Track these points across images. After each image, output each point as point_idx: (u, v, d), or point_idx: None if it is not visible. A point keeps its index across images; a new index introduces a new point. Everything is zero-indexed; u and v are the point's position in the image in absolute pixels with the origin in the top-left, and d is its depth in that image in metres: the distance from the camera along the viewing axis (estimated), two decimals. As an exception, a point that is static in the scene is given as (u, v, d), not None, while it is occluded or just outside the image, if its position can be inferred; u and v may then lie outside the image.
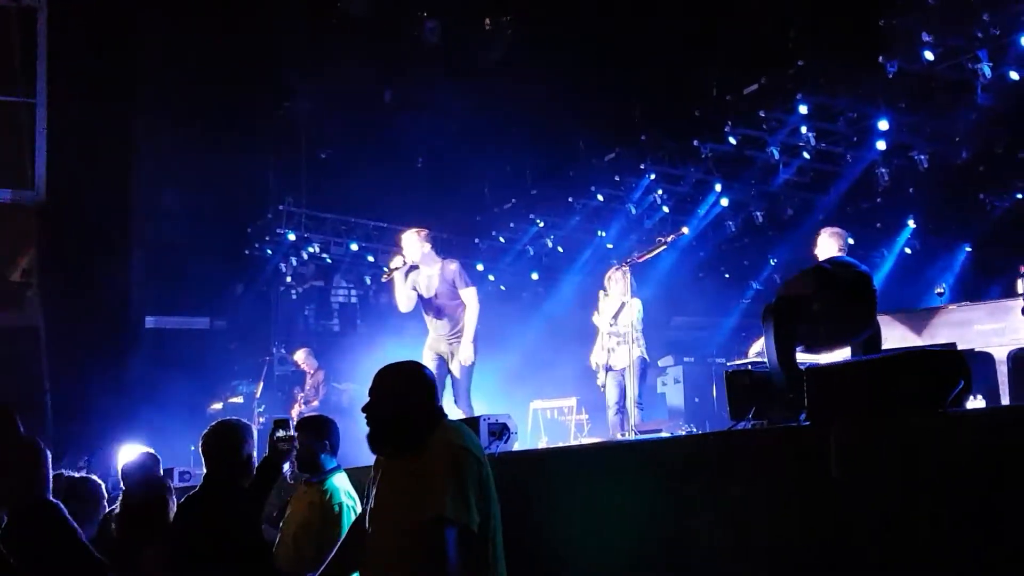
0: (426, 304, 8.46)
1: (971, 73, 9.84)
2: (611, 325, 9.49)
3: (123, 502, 5.75)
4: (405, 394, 3.93)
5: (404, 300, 8.44)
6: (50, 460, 3.88)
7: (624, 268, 9.78)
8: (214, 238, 15.30)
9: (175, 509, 5.53)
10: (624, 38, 11.82)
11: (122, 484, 6.09)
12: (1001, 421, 3.56)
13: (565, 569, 4.92)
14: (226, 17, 13.41)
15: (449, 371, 8.24)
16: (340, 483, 5.38)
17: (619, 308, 9.57)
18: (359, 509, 5.18)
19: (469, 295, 8.31)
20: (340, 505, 5.21)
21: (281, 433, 4.67)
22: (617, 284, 9.71)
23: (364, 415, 3.95)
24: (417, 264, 8.47)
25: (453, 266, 8.45)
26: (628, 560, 4.63)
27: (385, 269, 8.71)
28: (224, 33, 13.73)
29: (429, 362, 8.22)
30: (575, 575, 4.88)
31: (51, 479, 4.02)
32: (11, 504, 3.81)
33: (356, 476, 5.59)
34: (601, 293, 9.82)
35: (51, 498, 4.11)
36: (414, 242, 8.51)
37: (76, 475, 5.48)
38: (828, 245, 7.53)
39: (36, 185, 13.37)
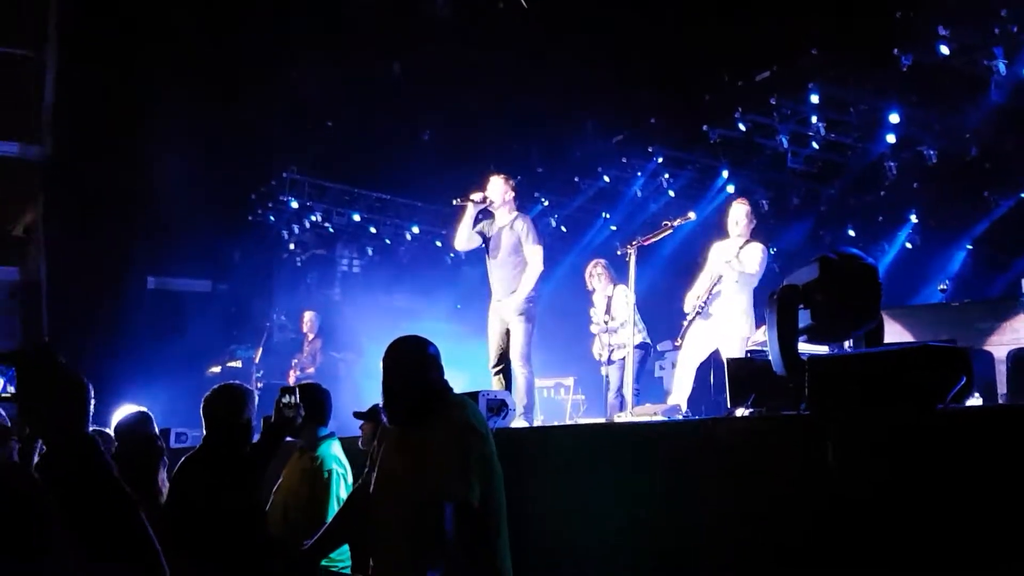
0: (491, 261, 8.14)
1: (985, 69, 9.79)
2: (608, 322, 9.54)
3: (113, 458, 5.78)
4: (408, 368, 3.97)
5: (463, 237, 8.15)
6: (92, 396, 3.87)
7: (598, 263, 9.86)
8: (218, 202, 15.25)
9: (167, 469, 5.56)
10: (636, 20, 11.74)
11: (114, 441, 6.11)
12: (999, 420, 3.57)
13: (558, 545, 4.94)
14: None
15: (508, 334, 7.94)
16: (332, 451, 5.43)
17: (607, 303, 9.64)
18: (350, 477, 5.23)
19: (532, 253, 7.91)
20: (330, 472, 5.27)
21: (287, 399, 4.68)
22: (599, 280, 9.78)
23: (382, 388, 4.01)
24: (492, 212, 8.11)
25: (522, 222, 8.03)
26: (619, 540, 4.66)
27: (458, 199, 8.12)
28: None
29: (493, 327, 8.00)
30: (567, 552, 4.91)
31: (90, 414, 4.01)
32: (51, 436, 3.80)
33: (347, 445, 5.64)
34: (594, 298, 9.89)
35: (89, 432, 4.10)
36: (498, 185, 8.13)
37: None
38: (738, 213, 8.22)
39: (43, 140, 13.34)
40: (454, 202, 8.19)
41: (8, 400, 2.20)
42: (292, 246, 16.78)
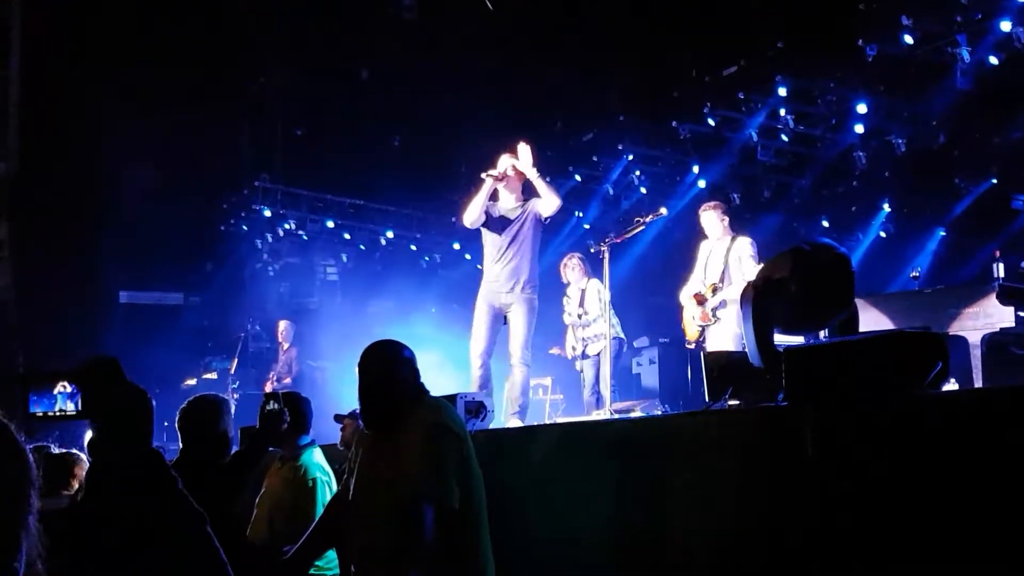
0: (494, 244, 7.38)
1: (950, 57, 9.88)
2: (581, 316, 9.53)
3: (87, 476, 5.70)
4: (385, 372, 3.94)
5: (475, 212, 7.31)
6: (154, 411, 3.84)
7: (573, 256, 9.85)
8: (190, 214, 15.19)
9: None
10: (603, 17, 11.77)
11: (87, 459, 6.05)
12: (976, 404, 3.58)
13: (538, 546, 4.93)
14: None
15: (507, 325, 7.31)
16: (314, 458, 5.40)
17: (580, 296, 9.65)
18: (334, 484, 5.20)
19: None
20: (314, 480, 5.24)
21: (271, 406, 4.61)
22: (573, 272, 9.78)
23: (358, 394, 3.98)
24: (500, 191, 7.40)
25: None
26: (601, 538, 4.64)
27: (486, 173, 7.39)
28: (200, 7, 13.60)
29: (481, 315, 7.30)
30: (549, 552, 4.90)
31: (152, 430, 3.95)
32: (118, 450, 3.75)
33: (328, 451, 5.62)
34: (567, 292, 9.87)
35: (153, 446, 4.06)
36: (509, 160, 7.42)
37: (56, 449, 5.41)
38: (710, 220, 8.09)
39: (8, 156, 13.20)
40: (482, 176, 7.43)
41: (73, 418, 2.14)
42: (265, 255, 16.70)
